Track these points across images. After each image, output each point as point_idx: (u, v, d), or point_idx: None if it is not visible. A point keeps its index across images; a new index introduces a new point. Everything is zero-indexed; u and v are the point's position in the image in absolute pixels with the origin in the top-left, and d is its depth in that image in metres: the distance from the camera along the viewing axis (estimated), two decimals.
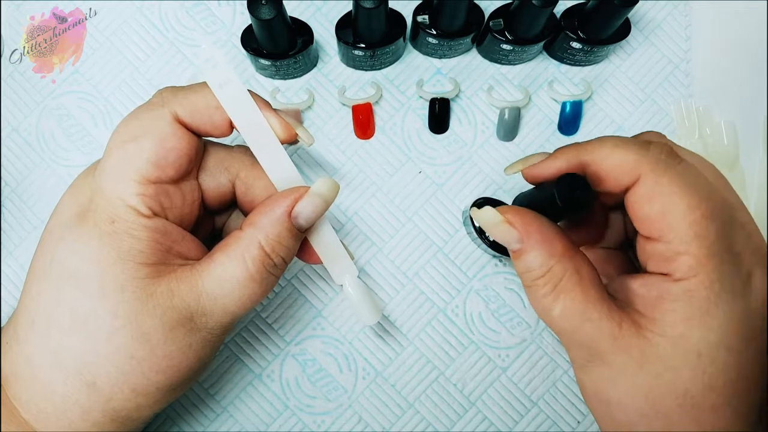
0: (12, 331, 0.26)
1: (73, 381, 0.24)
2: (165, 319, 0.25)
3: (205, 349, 0.26)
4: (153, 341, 0.24)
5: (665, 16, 0.40)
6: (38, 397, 0.25)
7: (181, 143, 0.26)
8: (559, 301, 0.23)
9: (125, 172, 0.25)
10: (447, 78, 0.39)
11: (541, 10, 0.33)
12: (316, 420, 0.36)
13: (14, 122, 0.38)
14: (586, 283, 0.23)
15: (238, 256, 0.25)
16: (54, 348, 0.25)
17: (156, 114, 0.26)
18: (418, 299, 0.37)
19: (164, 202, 0.26)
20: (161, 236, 0.25)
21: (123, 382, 0.25)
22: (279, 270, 0.27)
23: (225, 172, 0.29)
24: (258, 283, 0.26)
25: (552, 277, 0.24)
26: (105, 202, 0.25)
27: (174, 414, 0.36)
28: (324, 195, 0.27)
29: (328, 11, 0.39)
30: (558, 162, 0.26)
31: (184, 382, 0.27)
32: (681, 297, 0.22)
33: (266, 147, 0.27)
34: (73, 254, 0.25)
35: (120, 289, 0.24)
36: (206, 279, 0.25)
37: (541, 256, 0.24)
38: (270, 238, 0.26)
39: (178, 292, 0.25)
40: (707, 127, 0.39)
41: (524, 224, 0.24)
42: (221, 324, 0.26)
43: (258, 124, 0.27)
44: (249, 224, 0.26)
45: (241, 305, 0.26)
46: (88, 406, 0.25)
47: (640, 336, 0.22)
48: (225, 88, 0.26)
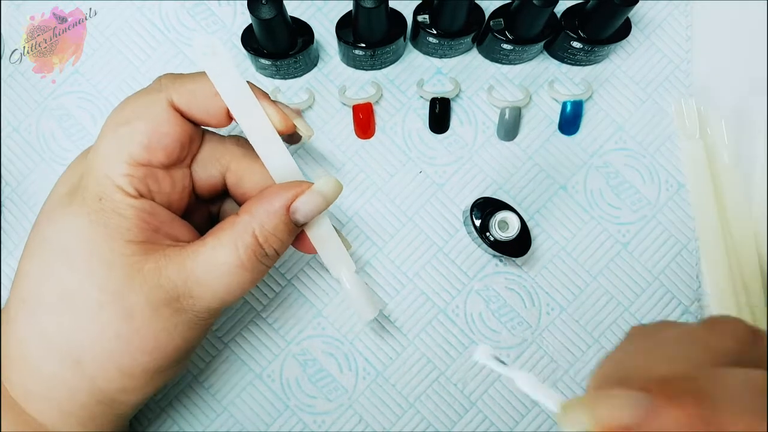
0: (5, 312, 0.26)
1: (59, 360, 0.25)
2: (151, 297, 0.24)
3: (192, 332, 0.26)
4: (138, 319, 0.24)
5: (666, 16, 0.40)
6: (26, 377, 0.25)
7: (175, 129, 0.26)
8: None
9: (116, 152, 0.25)
10: (447, 78, 0.39)
11: (542, 10, 0.33)
12: (317, 420, 0.36)
13: (14, 122, 0.38)
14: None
15: (231, 243, 0.25)
16: (42, 325, 0.25)
17: (152, 99, 0.26)
18: (418, 299, 0.37)
19: (152, 186, 0.26)
20: (148, 216, 0.25)
21: (109, 361, 0.25)
22: (270, 260, 0.27)
23: (216, 163, 0.29)
24: (248, 271, 0.26)
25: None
26: (94, 180, 0.25)
27: (174, 413, 0.36)
28: (326, 194, 0.27)
29: (329, 11, 0.39)
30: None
31: (170, 365, 0.26)
32: None
33: (264, 137, 0.27)
34: (61, 231, 0.25)
35: (107, 265, 0.24)
36: (195, 261, 0.25)
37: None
38: (265, 229, 0.25)
39: (166, 271, 0.25)
40: (707, 127, 0.39)
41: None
42: (208, 308, 0.26)
43: (256, 114, 0.26)
44: (245, 211, 0.26)
45: (230, 291, 0.26)
46: (75, 386, 0.25)
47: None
48: (222, 77, 0.25)
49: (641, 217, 0.38)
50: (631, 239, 0.38)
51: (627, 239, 0.38)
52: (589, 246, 0.38)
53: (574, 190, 0.38)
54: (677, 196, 0.38)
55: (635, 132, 0.39)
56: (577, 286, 0.37)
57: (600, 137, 0.39)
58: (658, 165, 0.38)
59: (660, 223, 0.38)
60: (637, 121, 0.39)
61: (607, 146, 0.38)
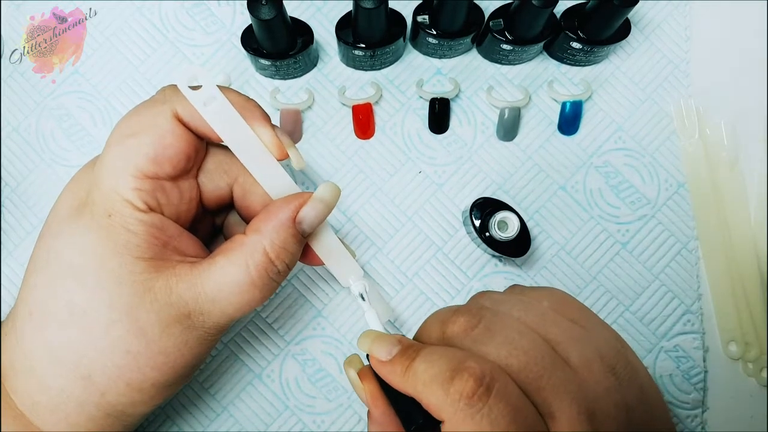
0: (10, 323, 0.26)
1: (68, 374, 0.25)
2: (162, 315, 0.25)
3: (201, 347, 0.26)
4: (149, 336, 0.24)
5: (665, 16, 0.40)
6: (34, 389, 0.25)
7: (180, 141, 0.26)
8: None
9: (123, 166, 0.25)
10: (447, 78, 0.39)
11: (541, 11, 0.33)
12: (316, 420, 0.36)
13: (14, 122, 0.38)
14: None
15: (241, 262, 0.25)
16: (50, 340, 0.25)
17: (157, 111, 0.26)
18: (418, 299, 0.37)
19: (160, 198, 0.26)
20: (157, 231, 0.25)
21: (118, 377, 0.25)
22: (281, 276, 0.27)
23: (224, 175, 0.29)
24: (259, 289, 0.26)
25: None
26: (102, 195, 0.25)
27: (174, 414, 0.36)
28: (326, 200, 0.27)
29: (329, 11, 0.39)
30: (393, 382, 0.24)
31: (179, 379, 0.27)
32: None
33: (258, 161, 0.27)
34: (70, 247, 0.25)
35: (117, 282, 0.24)
36: (206, 280, 0.25)
37: (377, 427, 0.25)
38: (275, 245, 0.26)
39: (177, 290, 0.25)
40: (707, 127, 0.39)
41: (372, 398, 0.25)
42: (218, 324, 0.26)
43: (246, 139, 0.26)
44: (253, 231, 0.26)
45: (240, 309, 0.26)
46: (83, 400, 0.25)
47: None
48: (209, 106, 0.25)
49: (641, 216, 0.38)
50: (630, 239, 0.38)
51: (626, 239, 0.38)
52: (589, 246, 0.38)
53: (574, 189, 0.38)
54: (677, 196, 0.38)
55: (635, 132, 0.39)
56: (576, 285, 0.37)
57: (599, 137, 0.39)
58: (657, 165, 0.38)
59: (660, 223, 0.38)
60: (636, 121, 0.39)
61: (607, 146, 0.39)
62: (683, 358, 0.37)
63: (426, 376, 0.22)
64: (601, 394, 0.22)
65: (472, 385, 0.21)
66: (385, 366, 0.24)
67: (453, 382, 0.21)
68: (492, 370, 0.21)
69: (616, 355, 0.23)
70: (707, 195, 0.38)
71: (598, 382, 0.22)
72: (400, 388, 0.23)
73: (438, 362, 0.22)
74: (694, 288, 0.38)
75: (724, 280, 0.37)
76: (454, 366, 0.22)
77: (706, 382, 0.37)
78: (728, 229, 0.38)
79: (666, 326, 0.37)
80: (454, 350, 0.23)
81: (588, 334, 0.24)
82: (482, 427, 0.20)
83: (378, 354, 0.24)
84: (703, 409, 0.37)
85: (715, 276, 0.38)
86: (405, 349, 0.24)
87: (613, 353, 0.23)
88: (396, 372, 0.23)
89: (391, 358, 0.24)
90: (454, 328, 0.24)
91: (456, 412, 0.21)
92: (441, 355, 0.22)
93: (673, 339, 0.37)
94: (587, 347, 0.23)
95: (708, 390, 0.37)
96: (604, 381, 0.22)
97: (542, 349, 0.22)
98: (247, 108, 0.27)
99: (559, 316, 0.24)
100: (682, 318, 0.37)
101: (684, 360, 0.37)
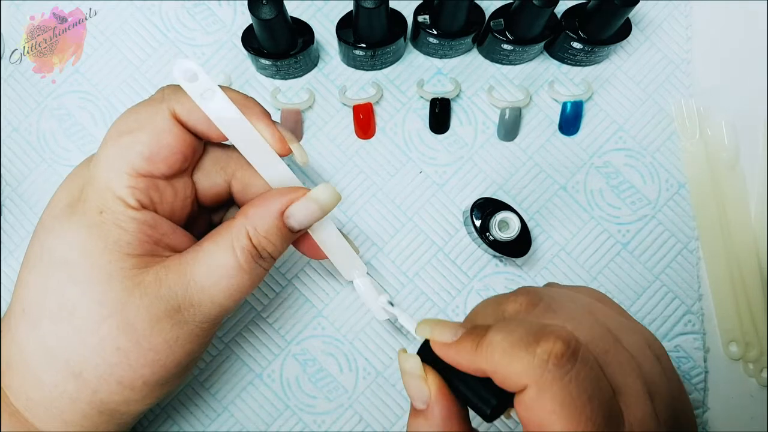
0: (6, 320, 0.26)
1: (60, 370, 0.25)
2: (152, 310, 0.24)
3: (193, 344, 0.26)
4: (139, 332, 0.24)
5: (666, 16, 0.40)
6: (28, 385, 0.25)
7: (176, 141, 0.25)
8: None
9: (117, 163, 0.25)
10: (448, 78, 0.39)
11: (542, 10, 0.33)
12: (317, 420, 0.36)
13: (14, 122, 0.38)
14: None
15: (227, 245, 0.25)
16: (43, 336, 0.25)
17: (154, 109, 0.25)
18: (418, 299, 0.37)
19: (154, 197, 0.26)
20: (149, 228, 0.25)
21: (109, 374, 0.25)
22: (267, 263, 0.27)
23: (221, 172, 0.28)
24: (246, 273, 0.26)
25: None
26: (95, 192, 0.25)
27: (174, 413, 0.36)
28: (321, 202, 0.26)
29: (329, 11, 0.39)
30: (462, 362, 0.23)
31: (171, 378, 0.26)
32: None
33: (259, 155, 0.27)
34: (62, 243, 0.25)
35: (107, 278, 0.24)
36: (195, 267, 0.25)
37: (437, 427, 0.23)
38: (258, 231, 0.25)
39: (166, 281, 0.25)
40: (708, 127, 0.39)
41: (439, 391, 0.24)
42: (209, 317, 0.26)
43: (248, 134, 0.26)
44: (241, 214, 0.26)
45: (230, 296, 0.26)
46: (76, 397, 0.25)
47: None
48: (209, 101, 0.25)
49: (641, 216, 0.38)
50: (631, 239, 0.38)
51: (627, 239, 0.38)
52: (589, 246, 0.38)
53: (574, 190, 0.38)
54: (677, 196, 0.38)
55: (635, 132, 0.39)
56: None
57: (600, 137, 0.39)
58: (658, 165, 0.38)
59: (660, 223, 0.38)
60: (637, 121, 0.39)
61: (607, 146, 0.39)
62: (684, 359, 0.37)
63: (506, 343, 0.21)
64: (655, 378, 0.22)
65: (561, 346, 0.20)
66: (451, 347, 0.23)
67: (540, 344, 0.20)
68: (575, 336, 0.21)
69: (660, 347, 0.24)
70: (708, 195, 0.38)
71: (652, 366, 0.22)
72: (469, 366, 0.22)
73: (517, 330, 0.21)
74: (695, 288, 0.38)
75: (725, 280, 0.37)
76: (537, 330, 0.21)
77: (706, 382, 0.37)
78: (729, 229, 0.38)
79: (666, 326, 0.37)
80: (529, 320, 0.22)
81: (633, 324, 0.24)
82: (570, 390, 0.20)
83: (442, 337, 0.23)
84: (704, 410, 0.37)
85: (716, 276, 0.38)
86: (472, 329, 0.23)
87: (658, 344, 0.24)
88: (465, 349, 0.22)
89: (457, 339, 0.23)
90: (515, 306, 0.24)
91: (543, 374, 0.20)
92: (518, 324, 0.22)
93: (674, 339, 0.37)
94: (635, 335, 0.23)
95: (708, 390, 0.37)
96: (656, 366, 0.22)
97: (602, 328, 0.22)
98: (247, 105, 0.27)
99: (605, 306, 0.24)
100: (682, 318, 0.37)
101: (684, 360, 0.37)
